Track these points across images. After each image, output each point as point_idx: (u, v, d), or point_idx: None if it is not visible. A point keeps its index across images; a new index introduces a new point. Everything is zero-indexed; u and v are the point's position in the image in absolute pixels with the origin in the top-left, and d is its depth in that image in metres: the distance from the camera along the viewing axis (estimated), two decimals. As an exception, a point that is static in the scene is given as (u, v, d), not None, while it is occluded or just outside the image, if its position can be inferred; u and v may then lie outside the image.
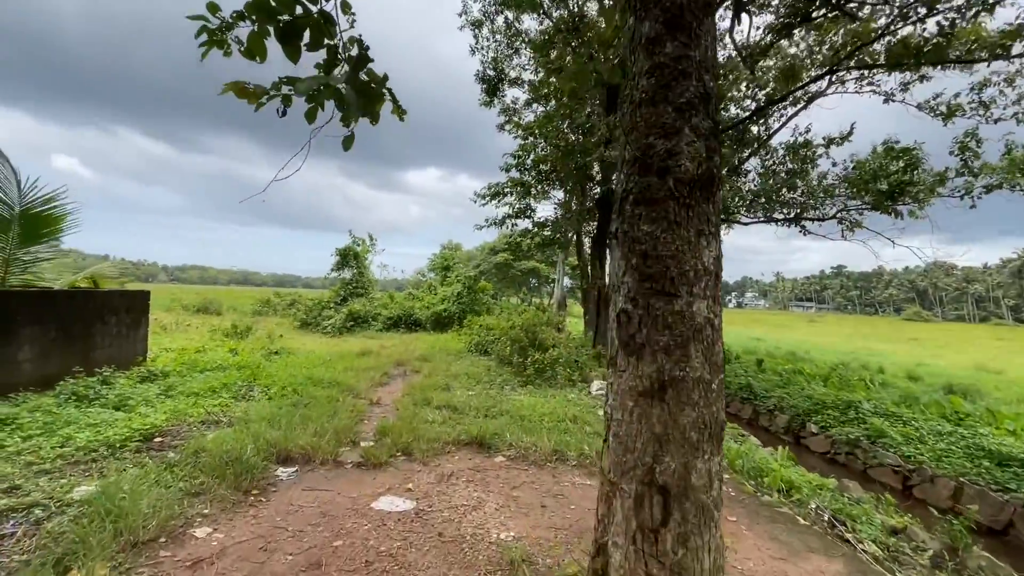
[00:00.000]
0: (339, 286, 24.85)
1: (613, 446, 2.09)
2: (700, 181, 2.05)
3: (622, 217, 2.16)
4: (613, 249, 2.24)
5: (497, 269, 49.80)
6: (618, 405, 2.09)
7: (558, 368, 8.96)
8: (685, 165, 2.02)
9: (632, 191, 2.12)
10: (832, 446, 8.60)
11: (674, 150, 2.02)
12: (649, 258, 2.04)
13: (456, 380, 8.90)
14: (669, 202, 2.03)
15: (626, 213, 2.14)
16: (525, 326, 9.40)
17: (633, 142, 2.13)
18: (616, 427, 2.09)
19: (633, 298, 2.07)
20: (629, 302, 2.09)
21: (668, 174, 2.03)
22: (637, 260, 2.07)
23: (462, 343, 14.76)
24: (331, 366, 9.62)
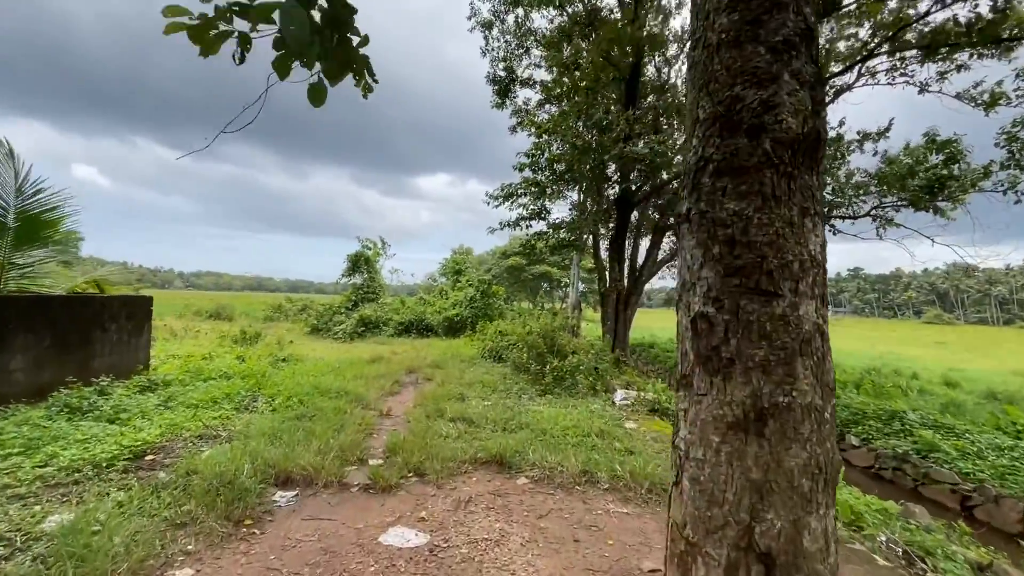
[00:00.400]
0: (350, 291, 24.58)
1: (692, 495, 1.59)
2: (805, 142, 1.55)
3: (698, 194, 1.66)
4: (683, 236, 1.75)
5: (508, 273, 49.40)
6: (697, 440, 1.59)
7: (578, 376, 8.44)
8: (786, 121, 1.52)
9: (712, 159, 1.62)
10: (876, 460, 7.95)
11: (771, 101, 1.52)
12: (738, 246, 1.55)
13: (471, 389, 8.42)
14: (765, 171, 1.53)
15: (703, 188, 1.64)
16: (543, 332, 8.90)
17: (713, 95, 1.64)
18: (695, 469, 1.59)
19: (716, 299, 1.58)
20: (710, 304, 1.59)
21: (764, 133, 1.53)
22: (721, 249, 1.58)
23: (475, 349, 14.28)
24: (340, 374, 9.20)
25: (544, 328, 8.88)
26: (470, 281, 24.85)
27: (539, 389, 8.29)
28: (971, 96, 10.74)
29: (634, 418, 6.83)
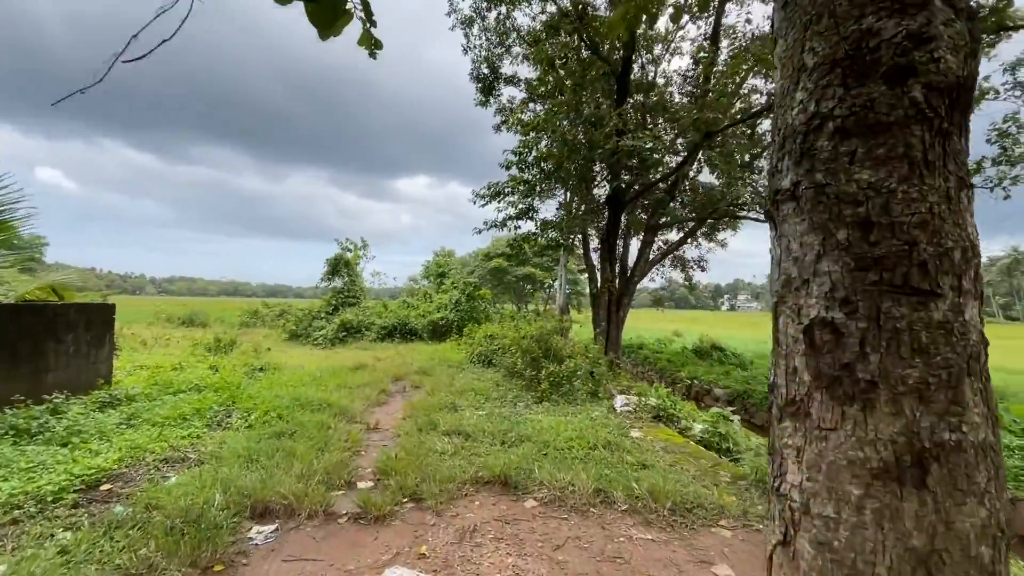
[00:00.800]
0: (330, 295, 23.80)
1: (818, 564, 1.18)
2: (963, 90, 1.16)
3: (811, 162, 1.26)
4: (784, 220, 1.35)
5: (492, 275, 48.97)
6: (824, 491, 1.19)
7: (576, 382, 8.05)
8: (945, 60, 1.13)
9: (833, 116, 1.22)
10: None
11: (924, 34, 1.13)
12: (876, 229, 1.15)
13: (462, 397, 7.96)
14: (913, 128, 1.14)
15: (819, 154, 1.25)
16: (537, 335, 8.49)
17: (828, 32, 1.24)
18: (823, 531, 1.18)
19: (845, 300, 1.18)
20: (837, 307, 1.19)
21: (913, 78, 1.13)
22: (850, 234, 1.18)
23: (463, 354, 13.80)
24: (322, 384, 8.64)
25: (539, 331, 8.47)
26: (455, 283, 24.35)
27: (535, 396, 7.87)
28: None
29: (638, 426, 6.47)
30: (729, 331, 35.31)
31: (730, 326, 49.44)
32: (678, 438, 5.93)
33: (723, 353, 16.63)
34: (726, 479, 4.58)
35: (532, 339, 8.47)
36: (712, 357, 16.20)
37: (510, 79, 17.20)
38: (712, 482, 4.43)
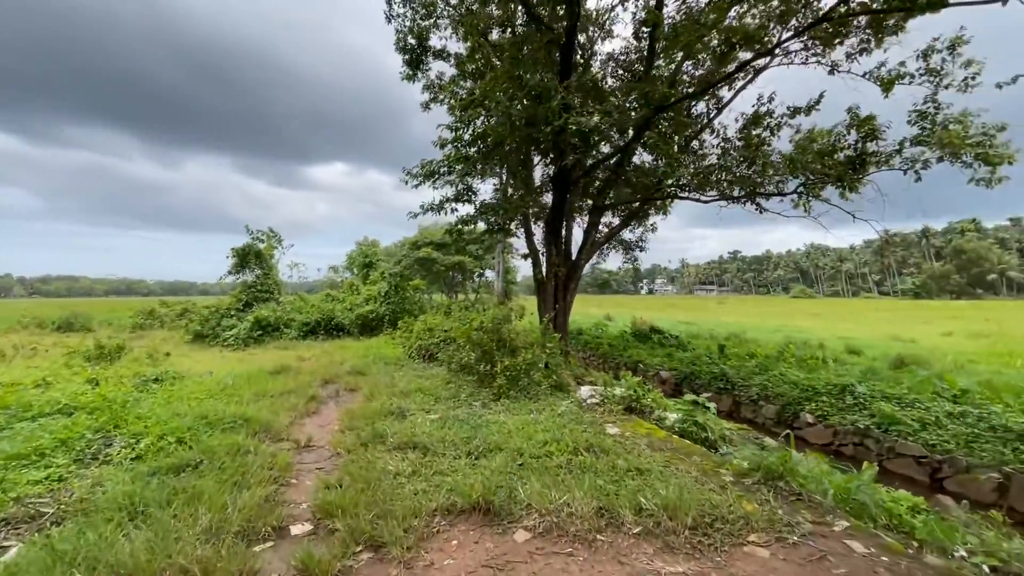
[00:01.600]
0: (239, 290, 21.35)
1: None
2: None
3: None
4: None
5: (420, 265, 47.28)
6: None
7: (535, 374, 7.35)
8: None
9: None
10: (835, 436, 7.83)
11: None
12: None
13: (408, 399, 6.97)
14: None
15: None
16: (490, 326, 7.65)
17: None
18: None
19: None
20: None
21: None
22: None
23: (400, 349, 12.69)
24: (235, 394, 7.25)
25: (492, 321, 7.64)
26: (383, 274, 22.79)
27: (491, 393, 7.07)
28: (877, 76, 11.18)
29: (612, 420, 5.89)
30: (653, 313, 36.60)
31: (652, 308, 51.65)
32: (659, 431, 5.42)
33: (662, 335, 16.80)
34: (729, 478, 4.08)
35: (484, 331, 7.63)
36: (652, 340, 16.28)
37: (439, 53, 16.03)
38: (718, 484, 3.90)
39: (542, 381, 7.26)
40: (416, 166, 13.18)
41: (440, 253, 47.86)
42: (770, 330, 25.15)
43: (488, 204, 12.17)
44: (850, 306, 61.53)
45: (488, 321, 7.68)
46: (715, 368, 11.37)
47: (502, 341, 7.63)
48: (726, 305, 63.91)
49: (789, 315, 41.03)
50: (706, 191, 12.48)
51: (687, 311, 47.87)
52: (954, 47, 10.15)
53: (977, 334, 22.16)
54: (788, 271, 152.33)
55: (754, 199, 12.51)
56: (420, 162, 13.18)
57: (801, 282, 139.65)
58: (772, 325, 29.41)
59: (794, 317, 37.64)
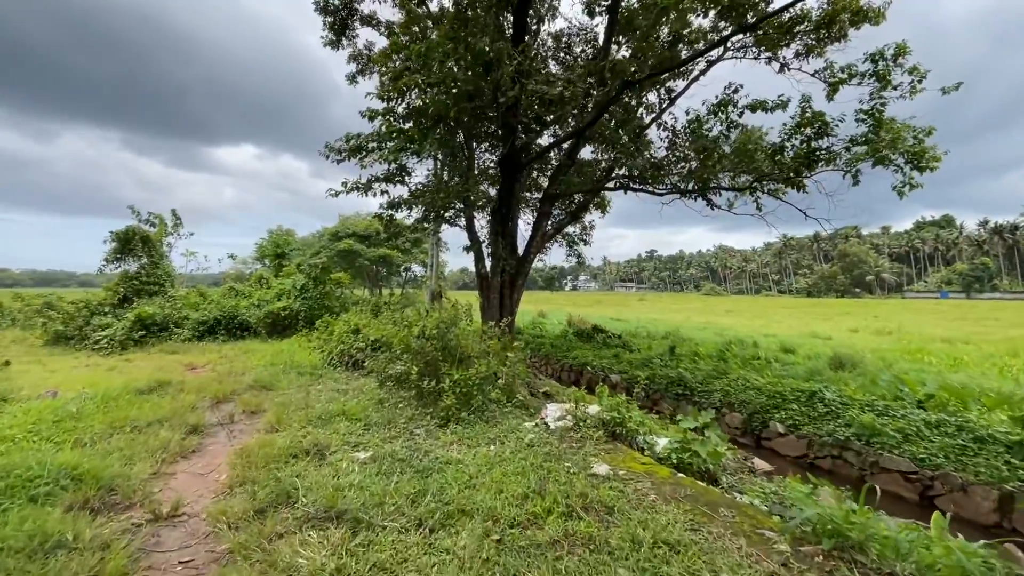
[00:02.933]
0: (116, 281, 17.87)
1: None
2: None
3: None
4: None
5: (341, 257, 44.01)
6: None
7: (490, 390, 6.00)
8: None
9: None
10: (809, 448, 7.26)
11: None
12: None
13: (329, 428, 5.35)
14: None
15: None
16: (434, 331, 6.16)
17: None
18: None
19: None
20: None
21: None
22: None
23: (317, 354, 10.75)
24: (79, 426, 5.21)
25: (437, 326, 6.14)
26: (300, 266, 20.23)
27: (438, 416, 5.63)
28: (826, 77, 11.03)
29: (594, 451, 4.70)
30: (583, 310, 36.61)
31: (581, 305, 52.18)
32: (660, 469, 4.30)
33: (605, 335, 16.10)
34: (783, 547, 3.01)
35: (428, 337, 6.14)
36: (595, 340, 15.54)
37: (368, 19, 14.12)
38: (777, 561, 2.81)
39: (500, 398, 5.93)
40: (340, 139, 11.29)
41: (364, 245, 44.90)
42: (698, 327, 25.60)
43: (425, 187, 10.59)
44: (757, 303, 66.22)
45: (432, 325, 6.19)
46: (670, 372, 10.67)
47: (449, 349, 6.20)
48: (647, 301, 66.30)
49: (706, 311, 42.90)
50: (658, 184, 11.79)
51: (614, 307, 48.77)
52: (898, 56, 10.13)
53: (880, 331, 23.82)
54: (699, 270, 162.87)
55: (705, 194, 12.03)
56: (344, 136, 11.31)
57: (711, 280, 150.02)
58: (697, 322, 30.17)
59: (712, 314, 39.25)
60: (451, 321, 6.37)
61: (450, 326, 6.27)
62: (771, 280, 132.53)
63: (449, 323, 6.31)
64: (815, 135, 10.68)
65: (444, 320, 6.27)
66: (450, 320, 6.49)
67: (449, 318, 6.50)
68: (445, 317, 6.35)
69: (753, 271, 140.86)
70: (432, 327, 6.17)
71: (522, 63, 7.85)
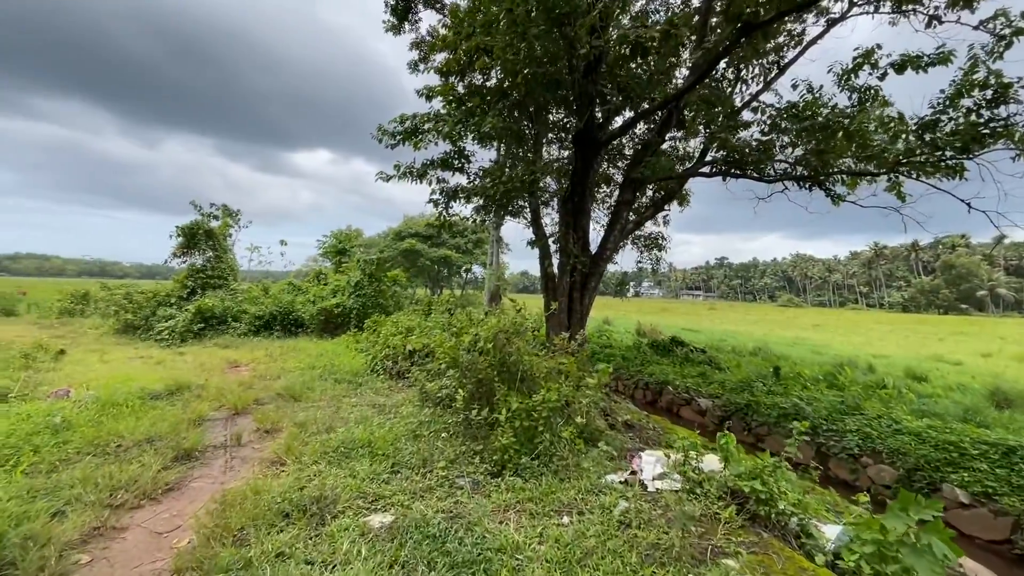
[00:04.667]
0: (184, 274, 18.04)
1: None
2: None
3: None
4: None
5: (404, 257, 44.03)
6: None
7: (560, 426, 4.42)
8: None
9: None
10: (1018, 531, 5.05)
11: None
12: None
13: (345, 467, 4.00)
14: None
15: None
16: (490, 343, 4.64)
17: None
18: None
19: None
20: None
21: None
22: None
23: (361, 358, 9.65)
24: (37, 450, 4.18)
25: (493, 335, 4.63)
26: (358, 261, 19.65)
27: (489, 458, 4.14)
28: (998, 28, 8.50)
29: (724, 542, 3.00)
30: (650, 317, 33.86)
31: (647, 312, 48.83)
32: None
33: (686, 348, 13.99)
34: None
35: (482, 351, 4.66)
36: (674, 353, 13.51)
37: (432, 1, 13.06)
38: None
39: (574, 439, 4.33)
40: (394, 121, 10.15)
41: (426, 245, 44.75)
42: (786, 343, 22.62)
43: (486, 172, 9.18)
44: (845, 317, 59.82)
45: (488, 335, 4.69)
46: (779, 400, 8.55)
47: (508, 367, 4.68)
48: (717, 311, 61.68)
49: (789, 325, 38.80)
50: (762, 170, 9.71)
51: (683, 316, 45.32)
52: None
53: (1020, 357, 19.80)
54: (775, 279, 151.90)
55: (822, 182, 9.80)
56: (399, 116, 10.16)
57: (787, 290, 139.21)
58: (784, 336, 26.91)
59: (797, 328, 35.34)
60: (513, 330, 4.83)
61: (511, 336, 4.75)
62: (858, 292, 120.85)
63: (510, 332, 4.79)
64: (990, 102, 8.21)
65: (504, 328, 4.76)
66: (512, 328, 4.96)
67: (510, 326, 4.97)
68: (505, 324, 4.83)
69: (837, 282, 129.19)
70: (488, 337, 4.67)
71: (608, 5, 6.21)
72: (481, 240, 44.11)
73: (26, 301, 23.86)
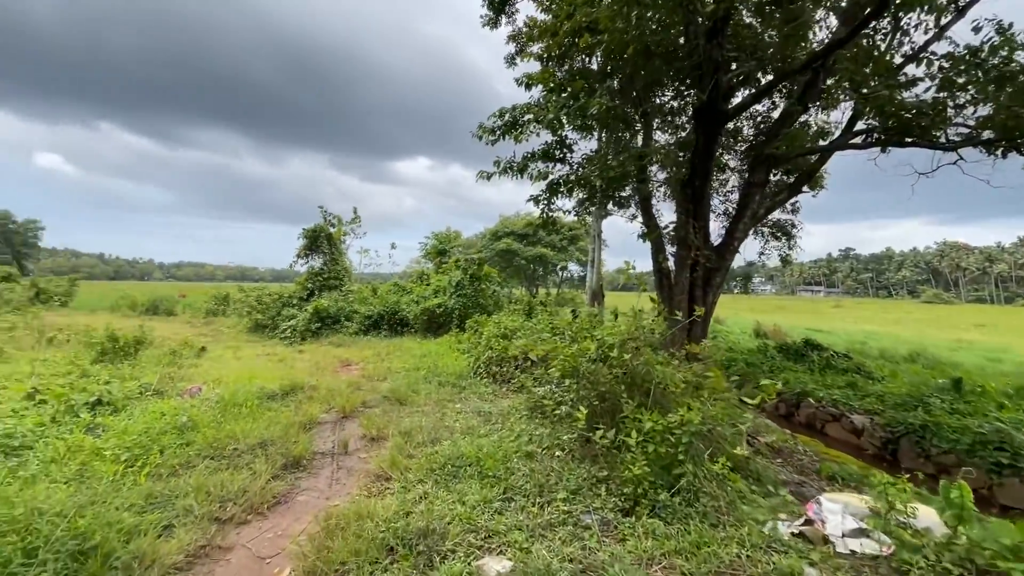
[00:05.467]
0: (305, 277, 19.48)
1: None
2: None
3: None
4: None
5: (500, 257, 44.43)
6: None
7: (701, 454, 3.59)
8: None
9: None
10: None
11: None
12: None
13: (453, 491, 3.56)
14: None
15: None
16: (622, 354, 3.89)
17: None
18: None
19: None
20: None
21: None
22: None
23: (464, 359, 9.42)
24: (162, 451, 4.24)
25: (619, 339, 3.90)
26: (457, 262, 19.86)
27: (618, 490, 3.45)
28: None
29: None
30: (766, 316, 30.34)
31: (760, 310, 44.08)
32: None
33: (824, 353, 12.02)
34: None
35: (607, 360, 3.95)
36: (809, 359, 11.69)
37: (534, -10, 12.58)
38: None
39: (728, 473, 3.48)
40: (493, 115, 9.77)
41: (521, 244, 44.77)
42: (947, 346, 19.00)
43: (594, 157, 8.43)
44: (1018, 316, 49.79)
45: (613, 339, 3.96)
46: (970, 422, 6.78)
47: (636, 380, 3.94)
48: (844, 309, 54.39)
49: (942, 324, 32.97)
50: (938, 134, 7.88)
51: (806, 315, 40.42)
52: None
53: None
54: (916, 272, 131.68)
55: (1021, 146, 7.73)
56: (498, 111, 9.76)
57: (933, 285, 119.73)
58: (940, 339, 22.71)
59: (953, 328, 29.89)
60: (644, 337, 4.05)
61: (641, 346, 3.98)
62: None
63: (640, 340, 4.02)
64: None
65: (633, 336, 4.00)
66: (642, 335, 4.19)
67: (638, 331, 4.20)
68: (632, 331, 4.07)
69: (1002, 273, 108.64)
70: (615, 344, 3.94)
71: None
72: (576, 237, 43.13)
73: (182, 303, 27.41)
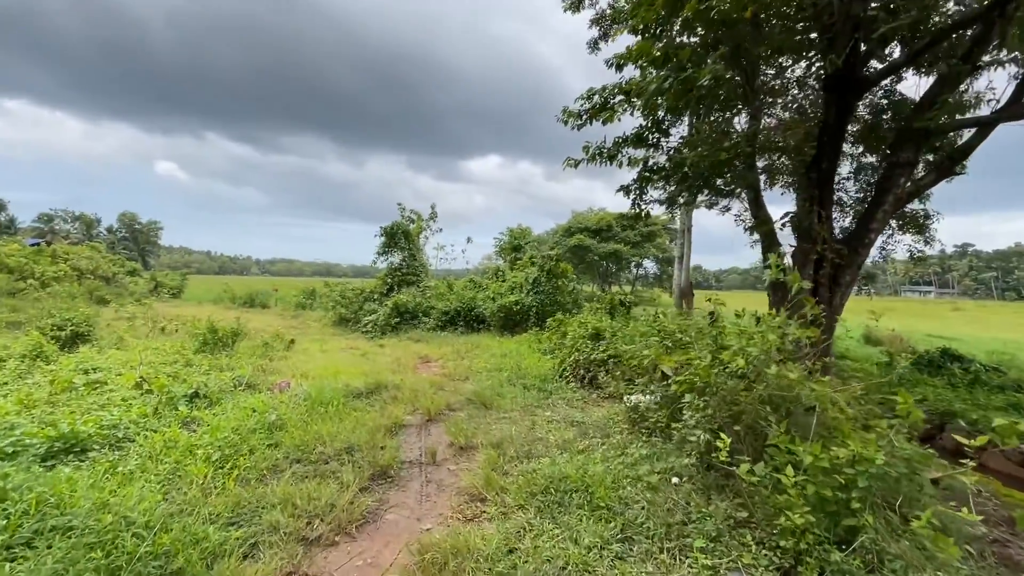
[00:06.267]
0: (385, 273, 19.90)
1: None
2: None
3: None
4: None
5: (572, 253, 43.40)
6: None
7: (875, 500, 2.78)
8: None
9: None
10: None
11: None
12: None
13: (560, 522, 3.02)
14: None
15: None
16: (752, 366, 3.18)
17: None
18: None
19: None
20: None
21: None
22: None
23: (547, 360, 8.88)
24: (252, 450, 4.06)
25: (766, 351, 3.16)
26: (532, 259, 19.38)
27: (770, 543, 2.74)
28: None
29: None
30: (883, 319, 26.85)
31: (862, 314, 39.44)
32: None
33: (973, 367, 10.16)
34: None
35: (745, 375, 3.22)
36: (949, 371, 9.95)
37: (620, -32, 11.78)
38: None
39: (926, 532, 2.65)
40: (580, 98, 9.10)
41: (594, 240, 43.46)
42: None
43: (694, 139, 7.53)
44: None
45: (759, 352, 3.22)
46: None
47: (786, 401, 3.18)
48: (964, 312, 47.50)
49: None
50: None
51: (919, 318, 35.61)
52: None
53: None
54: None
55: None
56: (586, 92, 9.07)
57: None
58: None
59: None
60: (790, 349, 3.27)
61: (787, 358, 3.21)
62: None
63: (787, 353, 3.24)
64: None
65: (781, 347, 3.24)
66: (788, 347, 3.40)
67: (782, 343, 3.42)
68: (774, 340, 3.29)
69: None
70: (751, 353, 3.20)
71: None
72: (652, 233, 41.22)
73: (275, 296, 29.28)
